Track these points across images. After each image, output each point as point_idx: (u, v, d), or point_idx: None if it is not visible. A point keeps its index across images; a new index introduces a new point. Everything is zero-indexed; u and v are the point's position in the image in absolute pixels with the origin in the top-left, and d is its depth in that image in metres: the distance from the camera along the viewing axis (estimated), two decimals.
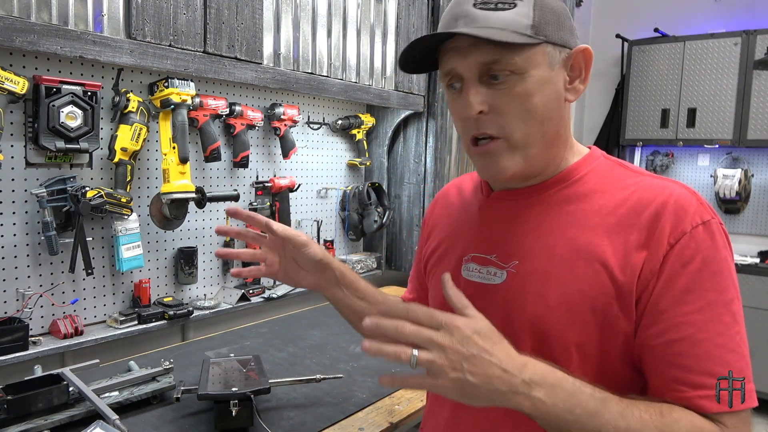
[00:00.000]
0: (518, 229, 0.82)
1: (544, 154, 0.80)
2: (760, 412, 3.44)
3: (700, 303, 0.70)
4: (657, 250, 0.71)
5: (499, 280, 0.81)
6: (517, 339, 0.75)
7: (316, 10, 2.04)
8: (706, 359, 0.69)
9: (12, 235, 1.50)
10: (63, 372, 1.25)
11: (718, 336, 0.69)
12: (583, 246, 0.76)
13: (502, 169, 0.78)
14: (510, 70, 0.73)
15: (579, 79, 0.79)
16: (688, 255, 0.71)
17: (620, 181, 0.79)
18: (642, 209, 0.74)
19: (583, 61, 0.79)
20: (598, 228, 0.76)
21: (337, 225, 2.53)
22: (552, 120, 0.78)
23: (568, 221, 0.78)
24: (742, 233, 3.85)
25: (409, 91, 2.43)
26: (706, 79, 3.69)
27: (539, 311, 0.76)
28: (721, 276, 0.71)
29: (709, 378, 0.69)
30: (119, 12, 1.47)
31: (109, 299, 1.72)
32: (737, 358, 0.70)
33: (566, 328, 0.75)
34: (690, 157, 4.03)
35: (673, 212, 0.72)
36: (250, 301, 2.02)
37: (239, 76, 1.72)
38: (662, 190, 0.75)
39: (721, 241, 0.73)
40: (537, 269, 0.78)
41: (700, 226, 0.72)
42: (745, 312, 0.73)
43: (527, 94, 0.74)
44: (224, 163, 1.99)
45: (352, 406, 1.34)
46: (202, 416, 1.26)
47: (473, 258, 0.86)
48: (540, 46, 0.74)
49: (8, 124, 1.46)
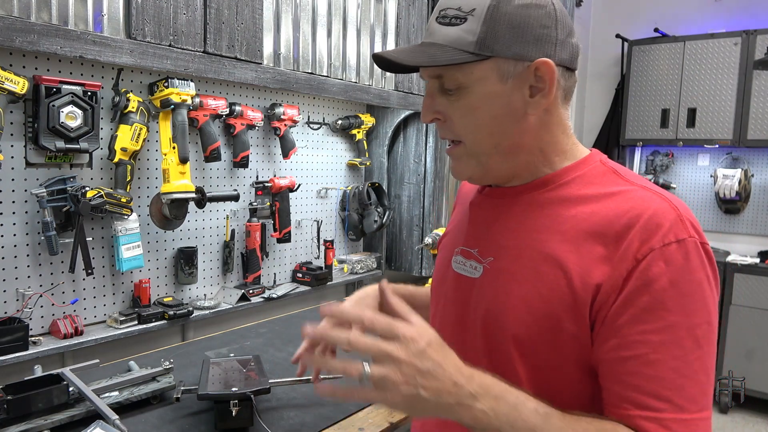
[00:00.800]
0: (499, 227, 0.83)
1: (506, 163, 0.81)
2: (760, 411, 3.45)
3: (660, 324, 0.67)
4: (620, 265, 0.69)
5: (477, 274, 0.83)
6: (478, 335, 0.78)
7: (316, 10, 2.04)
8: (656, 381, 0.67)
9: (12, 235, 1.50)
10: (63, 372, 1.26)
11: (673, 359, 0.67)
12: (549, 250, 0.75)
13: (460, 171, 0.84)
14: (455, 86, 0.77)
15: (542, 93, 0.76)
16: (655, 273, 0.68)
17: (607, 189, 0.77)
18: (615, 220, 0.71)
19: (545, 74, 0.75)
20: (569, 234, 0.75)
21: (337, 225, 2.53)
22: (505, 133, 0.77)
23: (542, 224, 0.78)
24: (742, 233, 3.85)
25: (409, 91, 2.43)
26: (706, 79, 3.69)
27: (498, 308, 0.77)
28: (690, 299, 0.68)
29: (655, 400, 0.66)
30: (119, 12, 1.47)
31: (109, 299, 1.72)
32: (691, 384, 0.67)
33: (521, 327, 0.75)
34: (690, 157, 4.03)
35: (644, 227, 0.69)
36: (250, 301, 2.02)
37: (239, 76, 1.72)
38: (641, 203, 0.72)
39: (697, 262, 0.69)
40: (506, 267, 0.79)
41: (673, 244, 0.68)
42: (745, 312, 0.72)
43: (473, 107, 0.77)
44: (224, 163, 1.99)
45: (352, 406, 1.34)
46: (202, 416, 1.26)
47: (461, 251, 0.88)
48: (487, 62, 0.74)
49: (8, 124, 1.46)
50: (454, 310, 0.86)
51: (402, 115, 2.54)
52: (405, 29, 2.39)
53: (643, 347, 0.67)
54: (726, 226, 3.89)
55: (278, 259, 2.26)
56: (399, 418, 1.31)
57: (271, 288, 2.16)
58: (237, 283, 2.10)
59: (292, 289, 2.19)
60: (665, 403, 0.66)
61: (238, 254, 2.08)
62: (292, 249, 2.31)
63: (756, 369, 3.30)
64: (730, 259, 3.59)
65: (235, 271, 2.09)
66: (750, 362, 3.27)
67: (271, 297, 2.08)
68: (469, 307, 0.80)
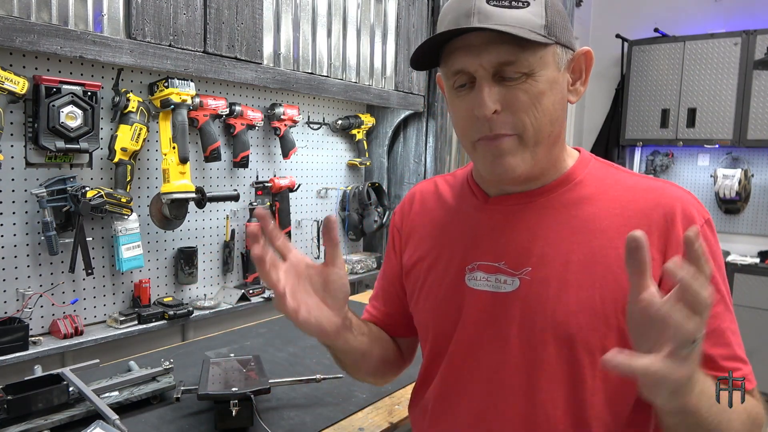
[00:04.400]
0: (525, 235, 0.80)
1: (549, 155, 0.80)
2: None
3: (717, 297, 0.72)
4: (677, 251, 0.73)
5: (511, 287, 0.79)
6: (539, 345, 0.75)
7: (316, 10, 2.04)
8: (728, 346, 0.74)
9: (12, 235, 1.50)
10: (63, 372, 1.25)
11: (732, 323, 0.76)
12: (597, 250, 0.76)
13: (511, 167, 0.75)
14: (523, 72, 0.72)
15: (580, 81, 0.80)
16: None
17: (617, 182, 0.81)
18: (650, 211, 0.76)
19: (584, 63, 0.79)
20: (609, 231, 0.76)
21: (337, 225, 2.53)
22: (558, 120, 0.78)
23: (577, 225, 0.78)
24: (742, 233, 3.84)
25: (409, 91, 2.43)
26: (706, 79, 3.69)
27: (561, 317, 0.75)
28: (722, 269, 0.76)
29: (734, 362, 0.74)
30: (119, 12, 1.47)
31: (109, 299, 1.72)
32: (739, 339, 0.76)
33: (590, 332, 0.74)
34: (690, 157, 4.03)
35: (683, 215, 0.75)
36: (250, 301, 2.02)
37: (239, 76, 1.72)
38: (664, 192, 0.78)
39: (716, 236, 0.79)
40: (553, 275, 0.77)
41: (705, 225, 0.76)
42: (745, 312, 0.76)
43: (540, 93, 0.73)
44: (224, 163, 1.99)
45: (352, 406, 1.34)
46: (202, 416, 1.26)
47: (479, 267, 0.82)
48: (551, 47, 0.74)
49: (8, 124, 1.46)
50: (486, 329, 0.81)
51: (402, 115, 2.54)
52: (405, 29, 2.39)
53: (713, 321, 0.72)
54: (726, 226, 3.89)
55: None
56: (399, 419, 1.31)
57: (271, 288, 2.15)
58: (237, 283, 2.10)
59: None
60: (740, 361, 0.75)
61: (238, 254, 2.08)
62: None
63: (756, 369, 3.31)
64: (730, 259, 3.59)
65: (235, 271, 2.09)
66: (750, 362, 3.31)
67: (271, 297, 2.08)
68: (510, 323, 0.76)
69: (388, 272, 1.02)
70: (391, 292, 1.02)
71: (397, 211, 1.01)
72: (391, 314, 1.02)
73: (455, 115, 0.80)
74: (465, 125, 0.78)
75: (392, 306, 1.02)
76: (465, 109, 0.76)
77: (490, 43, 0.71)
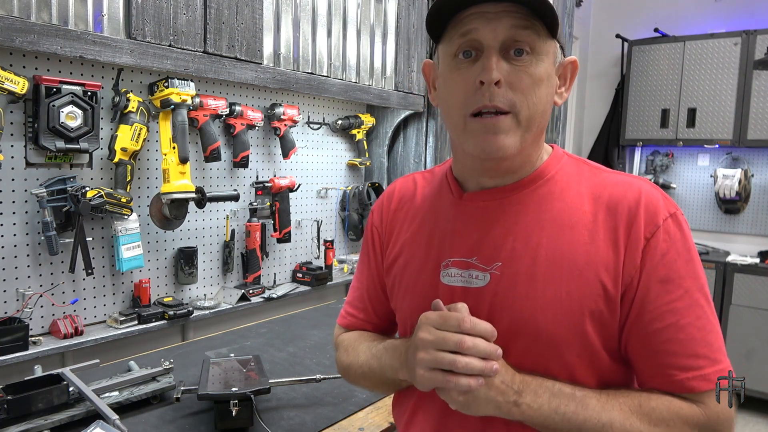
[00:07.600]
0: (497, 230, 0.81)
1: (532, 145, 0.81)
2: (760, 411, 3.45)
3: (680, 291, 0.74)
4: (636, 246, 0.74)
5: (482, 282, 0.80)
6: (507, 340, 0.76)
7: (316, 10, 2.04)
8: (691, 342, 0.73)
9: (12, 235, 1.50)
10: (63, 372, 1.25)
11: (698, 319, 0.74)
12: (566, 245, 0.77)
13: (504, 145, 0.75)
14: (529, 51, 0.74)
15: (564, 87, 0.83)
16: (663, 247, 0.74)
17: (587, 179, 0.82)
18: (615, 206, 0.77)
19: (570, 72, 0.82)
20: (577, 226, 0.77)
21: (337, 225, 2.53)
22: (546, 113, 0.79)
23: (547, 220, 0.79)
24: (742, 233, 3.85)
25: (409, 91, 2.43)
26: (706, 79, 3.69)
27: (528, 313, 0.77)
28: (692, 263, 0.76)
29: (694, 359, 0.73)
30: (119, 12, 1.47)
31: (109, 299, 1.72)
32: (715, 337, 0.75)
33: (557, 327, 0.75)
34: (690, 157, 4.03)
35: (646, 209, 0.75)
36: (250, 301, 2.02)
37: (239, 76, 1.72)
38: (630, 187, 0.78)
39: (687, 230, 0.77)
40: (522, 270, 0.78)
41: (668, 219, 0.76)
42: (745, 312, 0.76)
43: (540, 79, 0.75)
44: (224, 163, 1.99)
45: (352, 406, 1.34)
46: (202, 416, 1.26)
47: (453, 263, 0.83)
48: (553, 42, 0.77)
49: (8, 124, 1.46)
50: None
51: (402, 115, 2.54)
52: (405, 29, 2.39)
53: (672, 316, 0.73)
54: (726, 226, 3.89)
55: (278, 259, 2.26)
56: None
57: (271, 288, 2.16)
58: (237, 283, 2.10)
59: (292, 289, 2.19)
60: (703, 359, 0.73)
61: (238, 254, 2.08)
62: (292, 249, 2.31)
63: (756, 369, 3.30)
64: (730, 259, 3.59)
65: (235, 271, 2.09)
66: (750, 362, 3.28)
67: (271, 297, 2.09)
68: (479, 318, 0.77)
69: (367, 273, 1.02)
70: (378, 293, 1.01)
71: (375, 209, 1.01)
72: (381, 316, 1.02)
73: (452, 87, 0.78)
74: (465, 96, 0.76)
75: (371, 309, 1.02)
76: (465, 80, 0.76)
77: (505, 13, 0.73)
